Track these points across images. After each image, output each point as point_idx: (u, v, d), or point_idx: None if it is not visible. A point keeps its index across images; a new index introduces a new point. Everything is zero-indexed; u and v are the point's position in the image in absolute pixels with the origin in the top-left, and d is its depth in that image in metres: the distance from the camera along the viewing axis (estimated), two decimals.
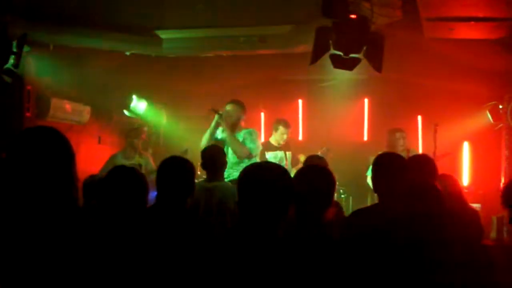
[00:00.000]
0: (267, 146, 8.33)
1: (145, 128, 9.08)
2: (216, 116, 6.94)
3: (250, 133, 6.96)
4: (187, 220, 3.82)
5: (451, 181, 4.75)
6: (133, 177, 3.32)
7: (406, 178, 3.98)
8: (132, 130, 8.64)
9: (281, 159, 8.12)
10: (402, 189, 3.76)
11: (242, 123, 7.08)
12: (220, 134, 7.05)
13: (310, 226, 3.12)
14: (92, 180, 4.92)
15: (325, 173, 3.40)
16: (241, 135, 6.90)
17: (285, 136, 8.38)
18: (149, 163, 8.43)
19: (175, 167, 4.02)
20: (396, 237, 3.45)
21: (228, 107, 6.99)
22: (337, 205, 5.56)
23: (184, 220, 3.79)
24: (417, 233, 3.36)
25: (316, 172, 3.42)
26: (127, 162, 8.08)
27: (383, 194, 3.99)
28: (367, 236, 3.54)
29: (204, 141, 7.02)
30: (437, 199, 3.51)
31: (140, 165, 8.19)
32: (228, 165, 5.90)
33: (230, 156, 6.62)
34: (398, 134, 8.29)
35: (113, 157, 8.43)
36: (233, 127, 6.93)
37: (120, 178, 3.30)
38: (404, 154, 8.13)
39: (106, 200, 3.22)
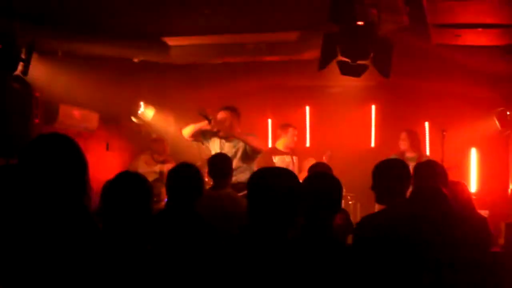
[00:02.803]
0: (274, 151, 8.33)
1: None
2: (206, 122, 6.89)
3: (250, 134, 6.98)
4: (197, 225, 3.84)
5: (460, 187, 4.74)
6: (136, 184, 3.30)
7: (407, 183, 4.00)
8: (155, 142, 8.70)
9: (288, 163, 8.11)
10: (409, 195, 3.77)
11: (238, 129, 6.98)
12: (214, 142, 6.99)
13: (319, 232, 3.13)
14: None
15: (332, 180, 3.41)
16: (238, 140, 6.88)
17: (295, 138, 8.39)
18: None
19: (184, 174, 4.05)
20: (403, 242, 3.45)
21: (219, 115, 6.91)
22: (344, 212, 5.57)
23: (194, 225, 3.81)
24: (424, 238, 3.36)
25: (323, 179, 3.43)
26: (149, 169, 8.17)
27: (387, 201, 3.99)
28: (374, 241, 3.54)
29: (187, 131, 7.01)
30: (444, 204, 3.51)
31: (161, 172, 8.26)
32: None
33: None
34: (402, 135, 8.28)
35: (134, 162, 8.51)
36: (227, 134, 6.87)
37: (123, 185, 3.29)
38: (415, 156, 8.07)
39: (111, 206, 3.21)
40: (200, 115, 6.88)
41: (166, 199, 4.13)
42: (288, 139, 8.35)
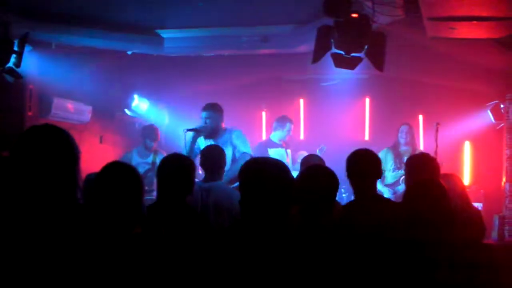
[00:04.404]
0: (269, 143, 8.35)
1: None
2: (192, 133, 6.74)
3: (238, 137, 6.76)
4: (190, 216, 3.84)
5: (455, 180, 4.75)
6: (126, 174, 3.28)
7: (378, 171, 4.18)
8: (147, 129, 8.65)
9: (282, 156, 8.12)
10: (406, 187, 3.79)
11: (223, 124, 6.84)
12: (202, 143, 6.81)
13: (314, 225, 3.13)
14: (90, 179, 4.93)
15: (328, 173, 3.41)
16: (226, 138, 6.73)
17: (290, 133, 8.41)
18: None
19: (174, 165, 4.04)
20: (397, 235, 3.45)
21: (204, 115, 6.75)
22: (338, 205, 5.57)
23: (186, 217, 3.80)
24: (419, 232, 3.36)
25: (320, 172, 3.44)
26: (142, 160, 8.16)
27: (358, 191, 4.15)
28: (368, 235, 3.55)
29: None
30: (442, 197, 3.51)
31: (153, 163, 8.24)
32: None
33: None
34: (402, 127, 8.30)
35: (128, 154, 8.49)
36: (214, 134, 6.73)
37: (113, 176, 3.27)
38: (409, 150, 8.13)
39: (100, 198, 3.19)
40: (187, 132, 6.73)
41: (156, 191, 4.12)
42: (284, 133, 8.37)
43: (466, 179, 9.35)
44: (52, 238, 2.43)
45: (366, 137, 10.38)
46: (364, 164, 4.14)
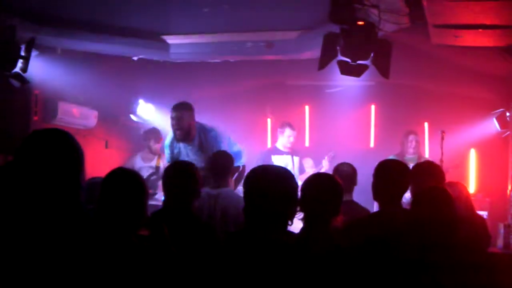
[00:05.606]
0: (274, 151, 8.35)
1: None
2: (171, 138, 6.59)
3: (217, 139, 6.43)
4: (194, 224, 3.84)
5: (460, 188, 4.75)
6: (129, 181, 3.28)
7: (407, 185, 4.11)
8: (149, 132, 8.68)
9: (287, 164, 8.09)
10: (413, 195, 3.78)
11: (193, 122, 6.44)
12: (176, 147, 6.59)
13: (317, 233, 3.12)
14: (94, 183, 4.94)
15: (332, 181, 3.40)
16: (199, 141, 6.46)
17: (291, 139, 8.34)
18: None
19: (180, 171, 4.05)
20: (403, 243, 3.44)
21: (175, 114, 6.34)
22: (364, 211, 5.49)
23: (191, 224, 3.81)
24: (425, 239, 3.36)
25: (323, 180, 3.42)
26: (145, 164, 8.18)
27: (383, 200, 4.02)
28: (373, 243, 3.54)
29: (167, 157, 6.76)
30: (448, 205, 3.50)
31: (157, 167, 8.27)
32: None
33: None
34: (410, 136, 8.36)
35: (131, 158, 8.51)
36: (188, 135, 6.41)
37: (117, 182, 3.28)
38: (415, 157, 8.15)
39: (105, 203, 3.20)
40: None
41: (162, 195, 4.13)
42: (285, 139, 8.35)
43: (472, 187, 9.33)
44: (57, 242, 2.43)
45: (371, 144, 10.37)
46: (391, 176, 4.07)
